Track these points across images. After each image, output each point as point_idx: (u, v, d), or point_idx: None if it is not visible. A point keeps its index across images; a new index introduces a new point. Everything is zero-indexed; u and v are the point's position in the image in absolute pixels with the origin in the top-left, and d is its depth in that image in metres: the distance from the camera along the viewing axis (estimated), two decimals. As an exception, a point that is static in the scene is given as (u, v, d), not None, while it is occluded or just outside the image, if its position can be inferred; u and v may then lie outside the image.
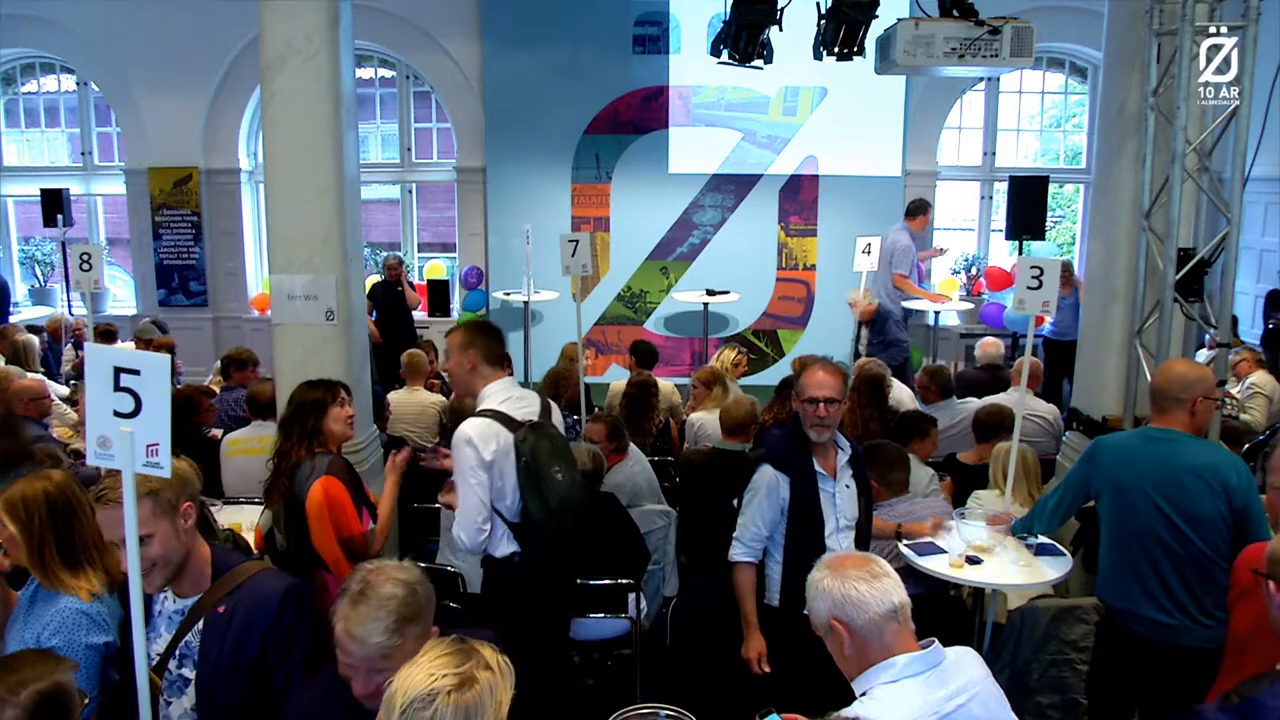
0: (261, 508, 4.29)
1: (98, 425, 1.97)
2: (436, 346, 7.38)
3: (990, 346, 6.96)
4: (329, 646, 1.99)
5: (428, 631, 1.96)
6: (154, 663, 2.26)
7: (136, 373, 1.95)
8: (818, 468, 3.17)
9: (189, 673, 2.26)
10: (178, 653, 2.26)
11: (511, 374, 3.37)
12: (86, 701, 2.00)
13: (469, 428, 3.10)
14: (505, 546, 3.20)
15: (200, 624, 2.26)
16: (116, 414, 1.95)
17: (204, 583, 2.29)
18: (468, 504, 3.11)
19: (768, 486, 3.15)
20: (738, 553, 3.21)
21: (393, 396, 6.26)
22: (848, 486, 3.22)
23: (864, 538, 3.29)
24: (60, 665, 1.87)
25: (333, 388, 3.44)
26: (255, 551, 3.60)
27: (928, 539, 3.71)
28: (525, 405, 3.25)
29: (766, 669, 3.12)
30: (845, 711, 1.95)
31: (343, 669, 1.93)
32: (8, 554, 2.61)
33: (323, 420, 3.34)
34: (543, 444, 3.14)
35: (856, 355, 7.63)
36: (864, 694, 1.98)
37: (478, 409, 3.19)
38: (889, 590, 2.00)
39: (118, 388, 1.95)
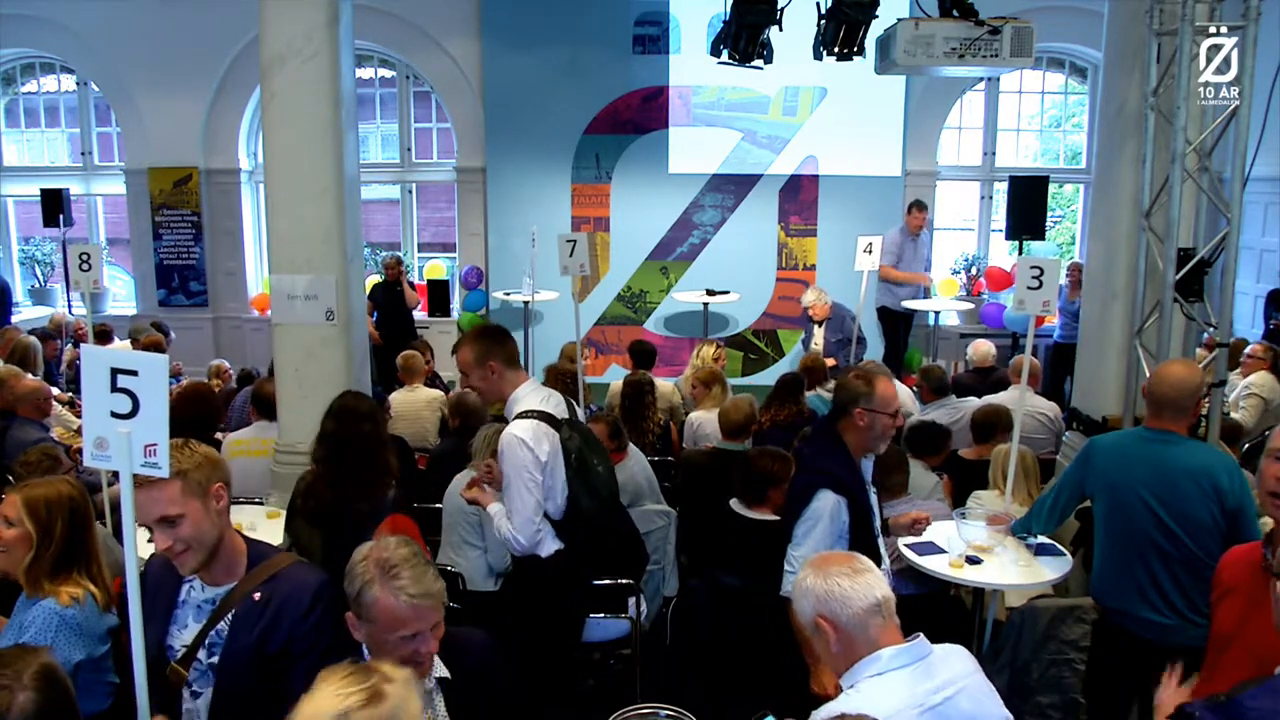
0: (262, 507, 4.29)
1: (95, 426, 1.95)
2: (432, 346, 7.40)
3: (981, 348, 6.93)
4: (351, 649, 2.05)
5: None
6: (179, 655, 2.23)
7: (134, 373, 1.93)
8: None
9: (213, 659, 2.23)
10: (207, 642, 2.23)
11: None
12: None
13: (520, 430, 3.08)
14: (550, 545, 3.19)
15: (232, 612, 2.23)
16: (114, 415, 1.93)
17: (238, 571, 2.27)
18: (524, 504, 3.09)
19: (831, 513, 2.97)
20: None
21: (394, 396, 6.28)
22: (873, 492, 3.22)
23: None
24: (39, 651, 1.94)
25: (371, 401, 3.36)
26: None
27: (928, 539, 3.71)
28: (556, 403, 3.25)
29: None
30: (821, 712, 1.95)
31: (404, 646, 1.95)
32: (4, 556, 2.59)
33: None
34: (582, 439, 3.19)
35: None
36: (851, 687, 1.99)
37: (517, 411, 3.16)
38: (871, 585, 2.01)
39: (115, 389, 1.93)
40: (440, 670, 2.10)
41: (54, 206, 9.08)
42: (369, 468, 3.23)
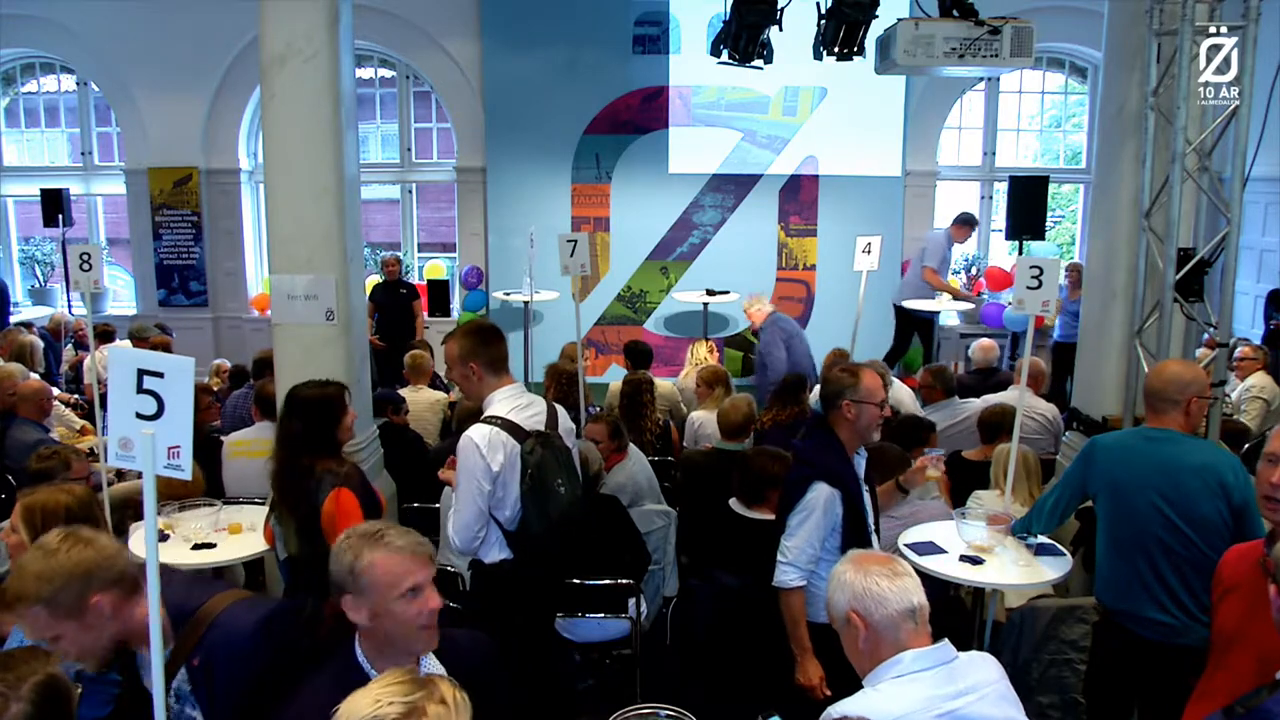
0: (265, 508, 4.29)
1: (119, 427, 1.96)
2: (432, 347, 7.39)
3: (985, 350, 6.91)
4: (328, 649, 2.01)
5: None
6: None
7: (160, 375, 1.93)
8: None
9: (191, 710, 2.19)
10: (173, 692, 2.16)
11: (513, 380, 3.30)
12: (80, 691, 1.96)
13: (476, 435, 3.07)
14: (496, 553, 3.18)
15: (186, 676, 2.15)
16: (139, 416, 1.94)
17: (167, 639, 2.14)
18: (466, 509, 3.09)
19: (825, 505, 3.03)
20: (792, 578, 3.05)
21: (397, 396, 6.28)
22: (867, 489, 3.24)
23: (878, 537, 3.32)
24: (50, 658, 1.87)
25: (341, 388, 3.36)
26: (266, 546, 3.59)
27: (928, 539, 3.71)
28: (532, 413, 3.20)
29: (828, 692, 2.95)
30: (834, 709, 1.96)
31: (410, 605, 1.96)
32: (13, 561, 2.59)
33: (339, 428, 3.27)
34: (548, 456, 3.09)
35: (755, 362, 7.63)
36: (872, 687, 1.99)
37: (484, 415, 3.15)
38: (909, 590, 2.02)
39: (140, 390, 1.93)
40: (435, 668, 2.08)
41: (54, 206, 9.09)
42: (309, 440, 3.23)
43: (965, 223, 8.55)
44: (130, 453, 1.96)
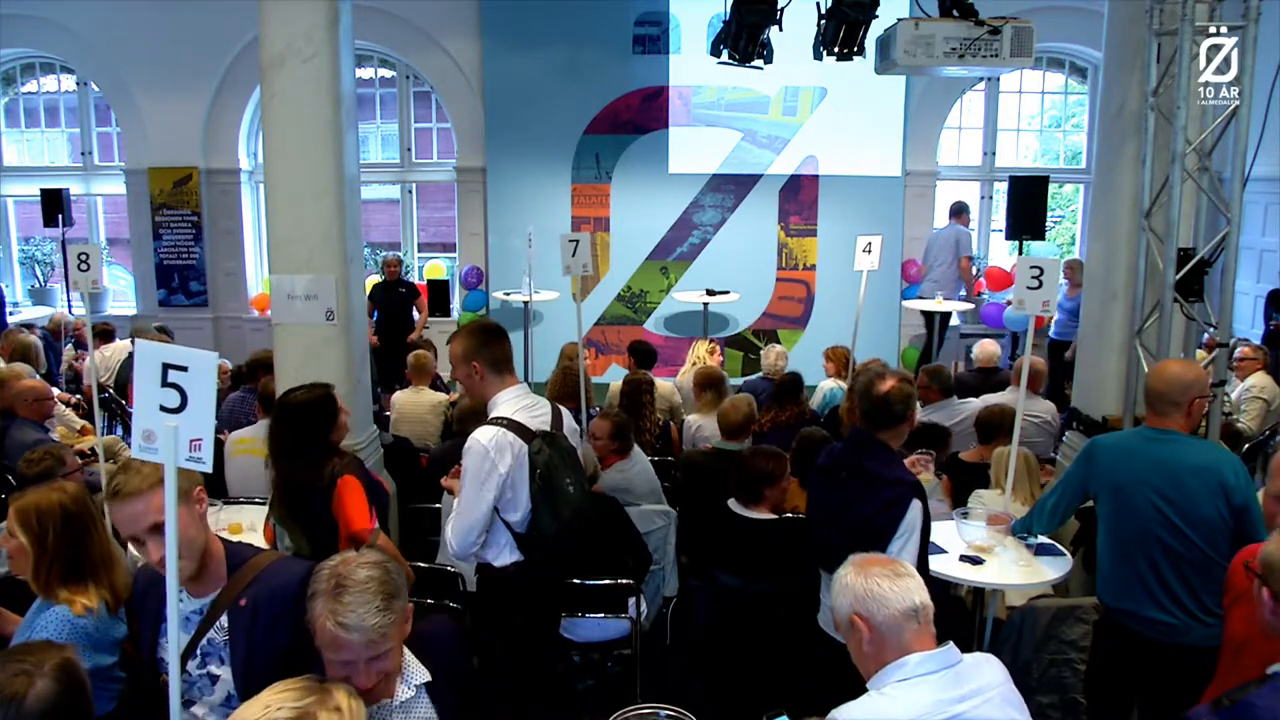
0: (266, 507, 4.29)
1: (144, 419, 2.00)
2: (436, 346, 7.39)
3: (988, 348, 6.92)
4: None
5: (407, 605, 2.02)
6: (165, 666, 2.21)
7: (184, 369, 1.98)
8: None
9: (216, 669, 2.23)
10: (199, 652, 2.23)
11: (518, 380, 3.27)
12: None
13: (484, 437, 3.02)
14: (506, 556, 3.14)
15: (224, 619, 2.22)
16: (163, 409, 1.98)
17: (220, 579, 2.26)
18: (470, 512, 3.03)
19: (921, 522, 2.95)
20: None
21: (398, 397, 6.27)
22: None
23: None
24: (63, 648, 1.95)
25: (330, 391, 3.36)
26: (267, 546, 3.59)
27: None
28: (538, 414, 3.17)
29: None
30: (838, 711, 1.96)
31: (338, 670, 1.91)
32: (13, 563, 2.60)
33: (332, 430, 3.29)
34: (555, 456, 3.07)
35: None
36: (877, 690, 1.99)
37: (490, 416, 3.11)
38: (911, 590, 2.02)
39: (165, 383, 1.98)
40: (421, 676, 2.09)
41: (54, 206, 9.10)
42: (306, 447, 3.29)
43: (965, 210, 8.85)
44: (154, 445, 2.00)
